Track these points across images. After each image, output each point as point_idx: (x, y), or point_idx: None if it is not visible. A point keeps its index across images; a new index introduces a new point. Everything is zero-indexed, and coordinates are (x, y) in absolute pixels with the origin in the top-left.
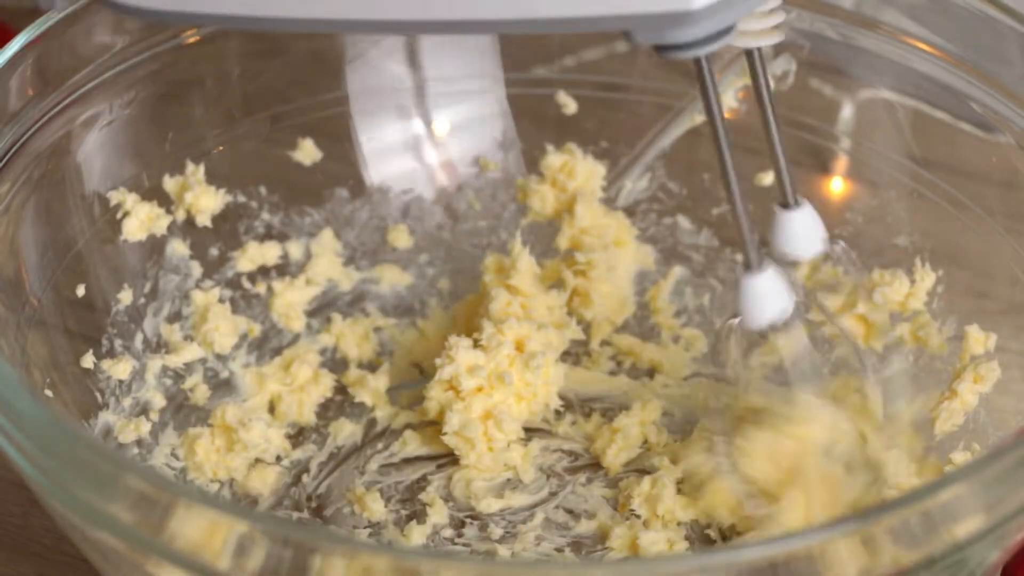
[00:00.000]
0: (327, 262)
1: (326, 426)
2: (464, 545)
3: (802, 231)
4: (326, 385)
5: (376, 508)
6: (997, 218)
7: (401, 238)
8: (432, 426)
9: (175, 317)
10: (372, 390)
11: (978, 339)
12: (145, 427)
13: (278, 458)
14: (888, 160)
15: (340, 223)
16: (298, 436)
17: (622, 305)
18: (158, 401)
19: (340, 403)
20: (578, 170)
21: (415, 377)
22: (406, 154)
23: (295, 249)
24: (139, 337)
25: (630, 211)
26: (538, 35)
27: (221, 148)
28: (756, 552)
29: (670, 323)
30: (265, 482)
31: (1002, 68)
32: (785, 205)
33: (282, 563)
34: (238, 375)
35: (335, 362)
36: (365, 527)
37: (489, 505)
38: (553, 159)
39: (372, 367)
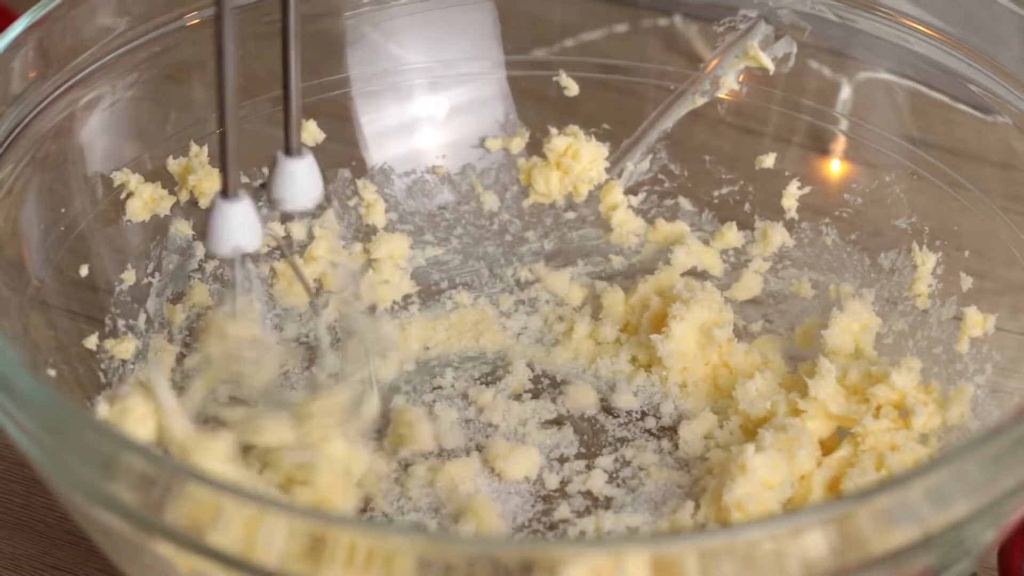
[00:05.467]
0: (328, 244)
1: None
2: None
3: (298, 181)
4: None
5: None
6: (995, 199)
7: (401, 219)
8: None
9: (178, 297)
10: None
11: (977, 320)
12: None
13: None
14: (887, 141)
15: (342, 204)
16: None
17: None
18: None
19: None
20: (582, 153)
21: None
22: (408, 136)
23: (298, 230)
24: (142, 317)
25: (631, 192)
26: (538, 16)
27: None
28: (749, 533)
29: None
30: None
31: (1000, 49)
32: (287, 152)
33: (283, 541)
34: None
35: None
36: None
37: None
38: (557, 142)
39: None
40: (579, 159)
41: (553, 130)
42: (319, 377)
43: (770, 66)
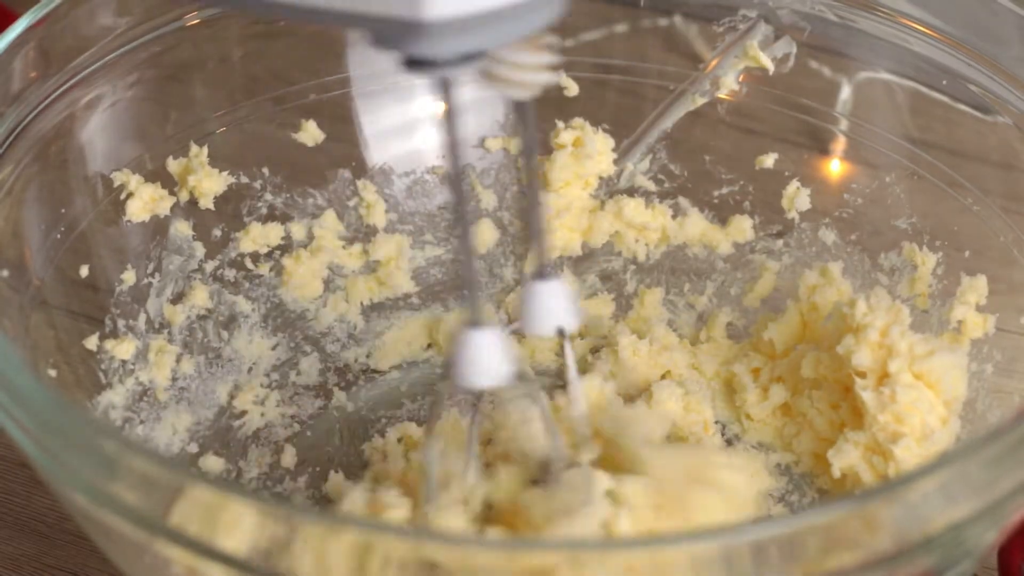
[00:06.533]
0: (329, 243)
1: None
2: None
3: (553, 304)
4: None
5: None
6: (995, 199)
7: (401, 219)
8: None
9: (178, 298)
10: None
11: (977, 321)
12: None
13: None
14: (887, 141)
15: (342, 204)
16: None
17: None
18: (161, 380)
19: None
20: (592, 144)
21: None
22: (408, 136)
23: (298, 230)
24: (142, 317)
25: (631, 192)
26: None
27: (224, 130)
28: (757, 532)
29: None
30: None
31: (1000, 49)
32: (539, 275)
33: (283, 541)
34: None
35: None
36: None
37: None
38: (566, 135)
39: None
40: (590, 150)
41: (560, 123)
42: None
43: (770, 66)
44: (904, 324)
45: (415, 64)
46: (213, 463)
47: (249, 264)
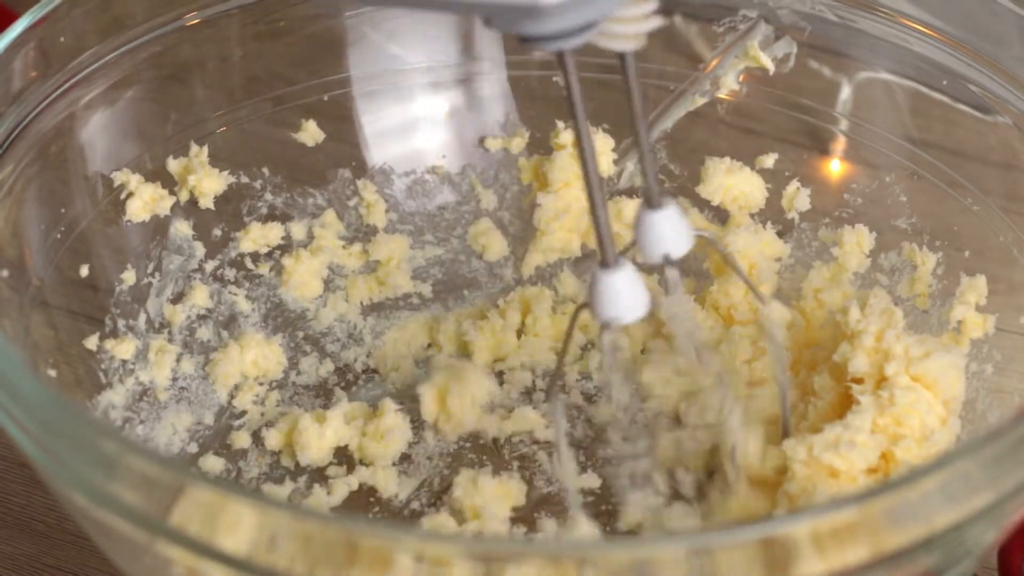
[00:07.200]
0: (329, 243)
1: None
2: None
3: (669, 231)
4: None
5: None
6: (995, 199)
7: (401, 219)
8: None
9: (178, 297)
10: None
11: (977, 321)
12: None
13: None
14: (887, 141)
15: (342, 204)
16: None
17: None
18: (161, 380)
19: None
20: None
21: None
22: (408, 136)
23: (298, 230)
24: (142, 317)
25: (631, 193)
26: None
27: (224, 129)
28: (754, 532)
29: None
30: None
31: (1000, 49)
32: (651, 205)
33: (286, 543)
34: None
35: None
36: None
37: None
38: (566, 135)
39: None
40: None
41: (560, 123)
42: None
43: (770, 66)
44: (899, 327)
45: (529, 40)
46: (213, 463)
47: (249, 264)
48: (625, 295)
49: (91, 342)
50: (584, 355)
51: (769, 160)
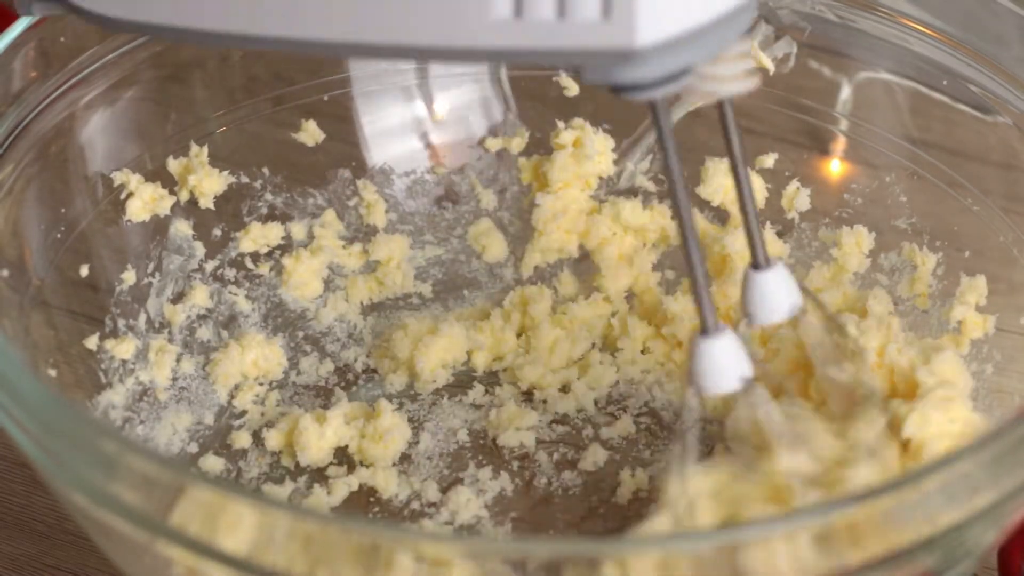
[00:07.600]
0: (329, 243)
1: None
2: None
3: (775, 292)
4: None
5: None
6: (995, 199)
7: (401, 219)
8: None
9: (178, 297)
10: None
11: (977, 321)
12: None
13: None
14: (887, 141)
15: (342, 204)
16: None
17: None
18: (161, 380)
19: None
20: (592, 144)
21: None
22: (408, 136)
23: (298, 230)
24: (142, 317)
25: (631, 193)
26: None
27: (224, 129)
28: (758, 532)
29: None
30: None
31: (1000, 50)
32: (756, 266)
33: (286, 543)
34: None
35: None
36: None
37: None
38: (566, 135)
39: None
40: (590, 150)
41: (560, 123)
42: None
43: (770, 66)
44: (898, 339)
45: (620, 90)
46: (213, 463)
47: (249, 264)
48: (726, 363)
49: (91, 342)
50: None
51: (769, 160)
